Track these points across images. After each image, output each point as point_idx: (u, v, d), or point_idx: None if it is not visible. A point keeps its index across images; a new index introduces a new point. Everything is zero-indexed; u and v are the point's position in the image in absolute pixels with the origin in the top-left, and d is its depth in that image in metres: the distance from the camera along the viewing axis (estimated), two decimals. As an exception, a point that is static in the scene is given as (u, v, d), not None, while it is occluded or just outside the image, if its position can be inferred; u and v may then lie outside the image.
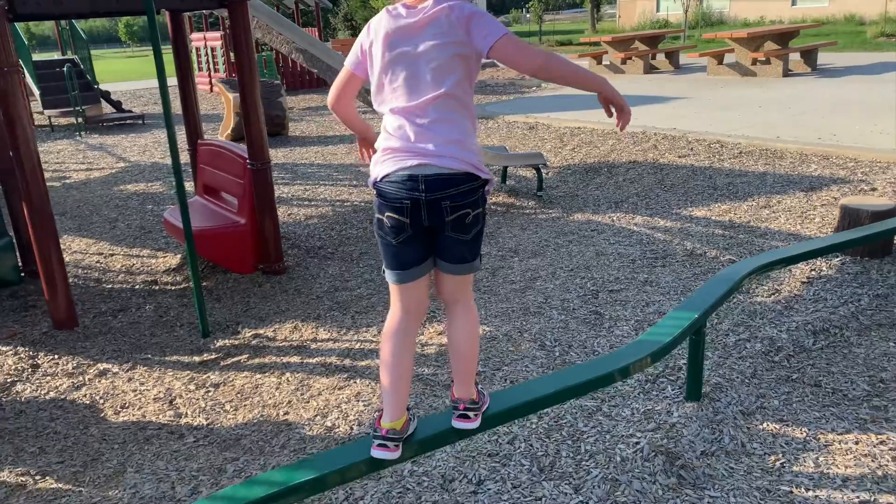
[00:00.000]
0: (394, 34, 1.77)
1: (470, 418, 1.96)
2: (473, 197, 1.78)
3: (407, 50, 1.76)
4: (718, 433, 2.56)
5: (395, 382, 1.88)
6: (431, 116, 1.76)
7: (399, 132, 1.78)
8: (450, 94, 1.76)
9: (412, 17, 1.76)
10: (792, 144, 7.10)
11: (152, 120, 12.55)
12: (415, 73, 1.76)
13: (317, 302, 4.11)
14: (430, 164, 1.74)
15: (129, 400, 3.12)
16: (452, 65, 1.76)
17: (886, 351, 3.11)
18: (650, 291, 3.94)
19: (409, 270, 1.84)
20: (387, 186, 1.78)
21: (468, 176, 1.77)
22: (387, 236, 1.82)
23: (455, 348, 1.94)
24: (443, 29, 1.73)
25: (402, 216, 1.77)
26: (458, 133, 1.78)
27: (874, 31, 20.17)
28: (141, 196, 6.97)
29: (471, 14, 1.73)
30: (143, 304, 4.21)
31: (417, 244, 1.82)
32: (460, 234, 1.81)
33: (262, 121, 4.34)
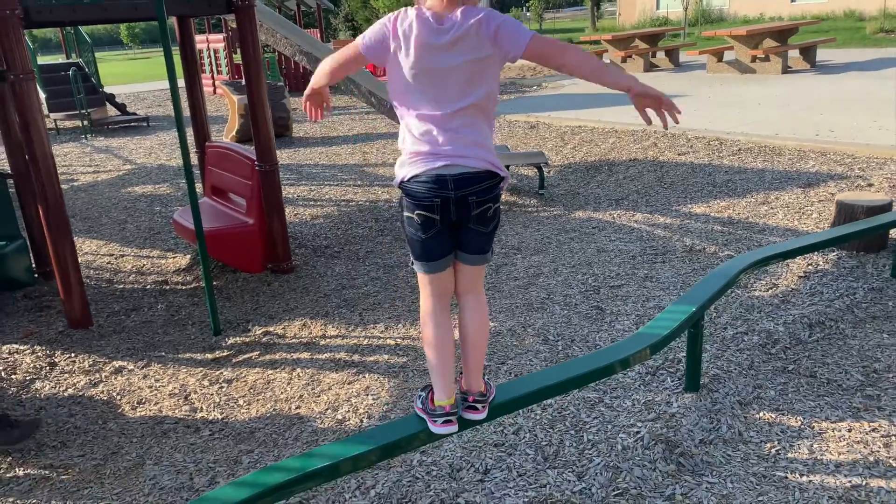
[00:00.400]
0: (426, 46, 1.86)
1: (478, 409, 2.08)
2: (494, 192, 1.95)
3: (438, 62, 1.87)
4: (716, 422, 2.66)
5: (445, 360, 2.04)
6: (457, 123, 1.90)
7: (426, 136, 1.91)
8: (477, 105, 1.91)
9: (444, 32, 1.86)
10: (790, 141, 7.19)
11: (157, 122, 12.65)
12: (444, 84, 1.88)
13: (325, 300, 4.20)
14: (457, 164, 1.89)
15: (145, 396, 3.22)
16: (480, 78, 1.90)
17: (880, 342, 3.20)
18: (650, 287, 4.03)
19: (437, 261, 2.00)
20: (416, 186, 1.91)
21: (489, 174, 1.92)
22: (417, 232, 1.96)
23: (468, 337, 2.07)
24: (473, 45, 1.86)
25: (432, 213, 1.92)
26: (479, 136, 1.93)
27: (873, 27, 20.21)
28: (149, 198, 7.08)
29: (497, 26, 1.85)
30: (155, 303, 4.31)
31: (444, 237, 1.98)
32: (482, 227, 1.97)
33: (270, 123, 4.44)
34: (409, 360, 3.36)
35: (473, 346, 2.06)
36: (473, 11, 1.87)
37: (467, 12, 1.86)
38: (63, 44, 15.31)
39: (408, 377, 3.20)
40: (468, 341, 2.07)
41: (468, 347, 2.07)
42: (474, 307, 2.07)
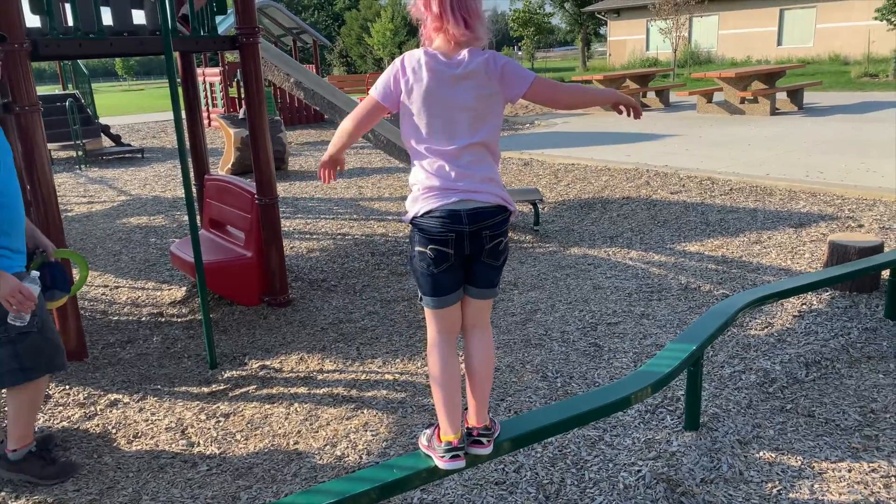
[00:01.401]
0: (437, 75, 1.95)
1: (484, 444, 2.08)
2: (505, 227, 2.02)
3: (447, 99, 1.95)
4: (717, 461, 2.66)
5: (453, 395, 2.06)
6: (467, 159, 1.96)
7: (439, 172, 1.97)
8: (484, 143, 1.98)
9: (452, 68, 1.95)
10: (781, 181, 7.31)
11: (151, 154, 12.70)
12: (453, 120, 1.96)
13: (322, 333, 4.20)
14: (470, 199, 1.95)
15: (141, 429, 3.18)
16: (488, 115, 1.98)
17: (876, 382, 3.22)
18: (647, 324, 4.05)
19: (446, 297, 2.03)
20: (430, 221, 1.96)
21: (500, 208, 1.99)
22: (429, 267, 1.99)
23: (474, 372, 2.09)
24: (481, 82, 1.95)
25: (446, 247, 1.96)
26: (490, 172, 2.00)
27: (858, 72, 20.70)
28: (144, 229, 7.07)
29: (503, 66, 1.97)
30: (151, 335, 4.28)
31: (455, 272, 2.02)
32: (493, 260, 2.02)
33: (271, 158, 4.48)
34: (407, 395, 3.35)
35: (480, 380, 2.09)
36: (479, 51, 1.98)
37: (474, 52, 1.97)
38: (60, 75, 15.40)
39: (406, 413, 3.19)
40: (475, 376, 2.09)
41: (475, 382, 2.09)
42: (481, 342, 2.10)
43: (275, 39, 18.16)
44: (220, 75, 16.08)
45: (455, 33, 1.94)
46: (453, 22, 1.93)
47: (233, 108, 15.66)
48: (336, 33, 51.31)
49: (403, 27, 41.25)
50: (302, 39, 18.59)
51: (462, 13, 1.93)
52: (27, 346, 2.62)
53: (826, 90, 17.45)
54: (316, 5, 57.12)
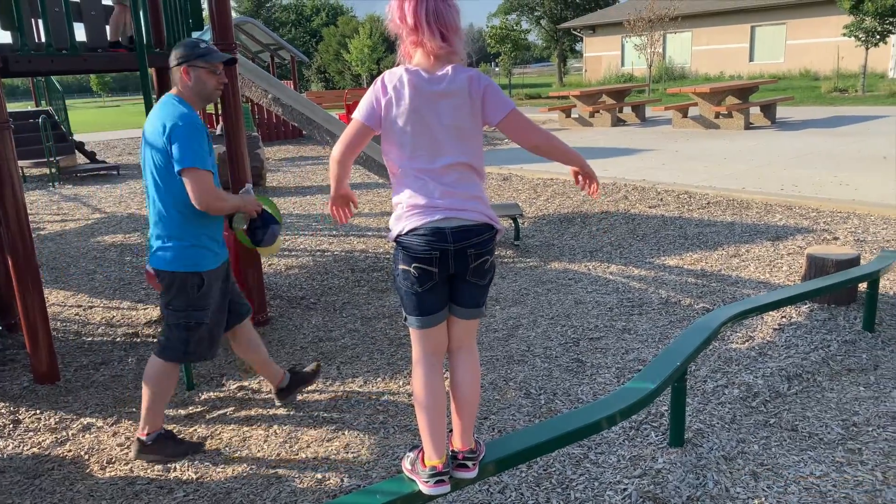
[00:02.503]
0: (418, 99, 1.91)
1: (469, 468, 2.04)
2: (491, 245, 1.98)
3: (430, 116, 1.92)
4: (702, 478, 2.64)
5: (437, 420, 2.01)
6: (452, 177, 1.93)
7: (423, 190, 1.93)
8: (468, 163, 1.95)
9: (435, 85, 1.91)
10: (757, 195, 7.39)
11: (127, 171, 12.55)
12: (436, 138, 1.93)
13: (301, 353, 4.13)
14: (455, 217, 1.91)
15: (115, 455, 3.09)
16: (470, 134, 1.95)
17: (857, 395, 3.24)
18: (629, 339, 4.05)
19: (431, 316, 1.99)
20: (414, 239, 1.92)
21: (486, 226, 1.96)
22: (413, 286, 1.95)
23: (460, 395, 2.05)
24: (464, 101, 1.92)
25: (430, 266, 1.93)
26: (475, 190, 1.97)
27: (828, 87, 21.13)
28: (119, 247, 6.95)
29: (486, 86, 1.93)
30: (126, 356, 4.18)
31: (440, 291, 1.98)
32: (479, 279, 1.99)
33: (249, 174, 4.42)
34: (389, 415, 3.30)
35: (465, 404, 2.04)
36: (463, 69, 1.95)
37: (457, 69, 1.93)
38: (33, 91, 15.20)
39: (389, 434, 3.13)
40: (460, 400, 2.04)
41: (460, 406, 2.04)
42: (467, 364, 2.05)
43: (252, 56, 18.11)
44: (197, 91, 15.96)
45: (432, 46, 1.91)
46: (429, 34, 1.89)
47: (210, 125, 15.57)
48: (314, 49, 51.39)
49: (381, 43, 41.40)
50: (279, 56, 18.57)
51: (439, 26, 1.90)
52: (199, 335, 2.96)
53: (798, 105, 17.76)
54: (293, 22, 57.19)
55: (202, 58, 2.83)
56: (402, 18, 1.93)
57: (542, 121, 17.97)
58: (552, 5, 44.74)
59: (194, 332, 2.94)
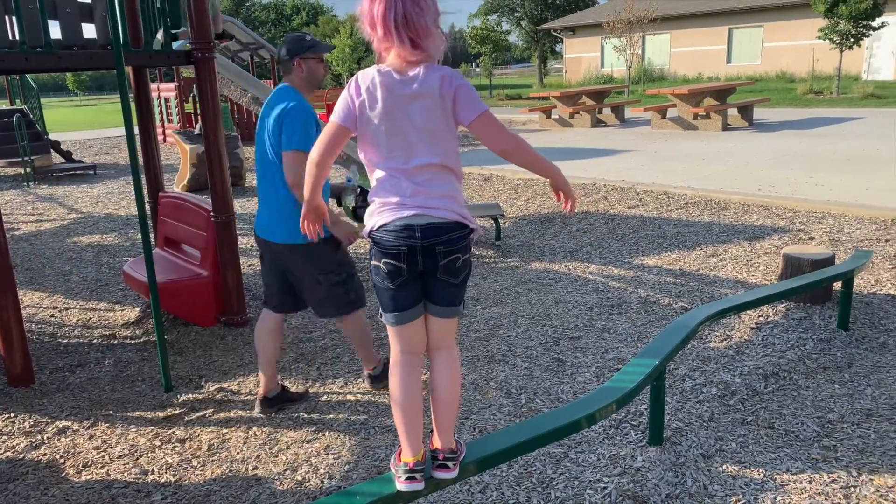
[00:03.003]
0: (391, 99, 1.90)
1: (449, 468, 2.04)
2: (462, 243, 1.96)
3: (402, 117, 1.90)
4: (681, 476, 2.66)
5: (411, 419, 2.01)
6: (425, 177, 1.93)
7: (395, 188, 1.93)
8: (442, 164, 1.94)
9: (407, 86, 1.89)
10: (735, 195, 7.47)
11: (104, 170, 12.39)
12: (409, 139, 1.92)
13: (280, 353, 4.10)
14: (425, 214, 1.91)
15: (91, 458, 3.05)
16: (444, 135, 1.93)
17: (832, 393, 3.28)
18: (608, 338, 4.07)
19: (405, 312, 1.99)
20: (383, 235, 1.93)
21: (458, 224, 1.95)
22: (384, 281, 1.96)
23: (439, 397, 2.04)
24: (435, 102, 1.89)
25: (398, 262, 1.93)
26: (448, 189, 1.96)
27: (803, 89, 21.42)
28: (95, 248, 6.86)
29: (458, 86, 1.91)
30: (102, 358, 4.13)
31: (412, 288, 1.98)
32: (451, 277, 1.98)
33: (227, 174, 4.39)
34: (370, 416, 3.29)
35: (444, 405, 2.04)
36: (436, 69, 1.93)
37: (430, 69, 1.91)
38: (7, 89, 14.96)
39: (369, 434, 3.12)
40: (439, 400, 2.04)
41: (438, 407, 2.04)
42: (446, 365, 2.05)
43: (232, 55, 17.96)
44: (176, 90, 15.82)
45: (403, 54, 1.89)
46: (399, 43, 1.87)
47: (189, 124, 15.42)
48: (294, 49, 51.07)
49: (362, 43, 41.26)
50: (259, 55, 18.43)
51: (409, 34, 1.86)
52: (354, 283, 3.31)
53: (774, 106, 17.99)
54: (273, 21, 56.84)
55: (311, 49, 3.18)
56: (371, 26, 1.89)
57: (523, 121, 18.03)
58: (532, 6, 44.91)
59: (349, 282, 3.30)
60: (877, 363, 3.58)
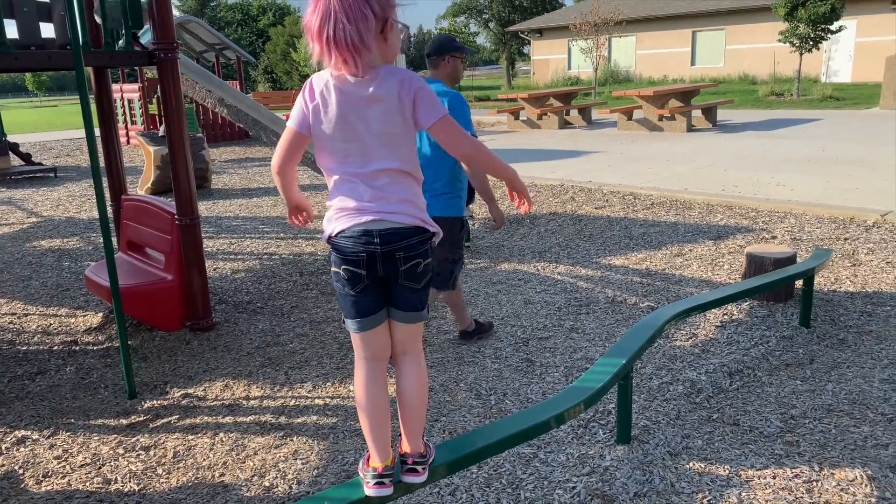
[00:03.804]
0: (346, 104, 1.84)
1: (419, 472, 2.03)
2: (423, 248, 1.93)
3: (359, 123, 1.85)
4: (649, 474, 2.69)
5: (378, 425, 2.00)
6: (384, 181, 1.89)
7: (353, 193, 1.89)
8: (401, 169, 1.90)
9: (363, 88, 1.83)
10: (699, 196, 7.58)
11: (65, 173, 12.12)
12: (366, 144, 1.87)
13: (248, 358, 4.05)
14: (383, 219, 1.87)
15: (52, 468, 2.98)
16: (401, 139, 1.89)
17: (794, 389, 3.35)
18: (577, 338, 4.10)
19: (367, 318, 1.96)
20: (342, 241, 1.89)
21: (418, 229, 1.91)
22: (344, 288, 1.93)
23: (405, 402, 2.03)
24: (394, 106, 1.84)
25: (358, 268, 1.90)
26: (408, 194, 1.91)
27: (765, 90, 21.86)
28: (56, 252, 6.71)
29: (417, 90, 1.85)
30: (63, 365, 4.04)
31: (374, 293, 1.95)
32: (412, 283, 1.94)
33: (192, 176, 4.32)
34: (339, 420, 3.26)
35: (410, 410, 2.03)
36: (395, 71, 1.86)
37: (388, 72, 1.85)
38: (-38, 90, 14.53)
39: (338, 439, 3.10)
40: (406, 405, 2.02)
41: (405, 412, 2.03)
42: (412, 369, 2.03)
43: (196, 55, 17.71)
44: (139, 91, 15.55)
45: (346, 71, 1.81)
46: (337, 60, 1.78)
47: (153, 126, 15.17)
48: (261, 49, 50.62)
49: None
50: (225, 55, 18.21)
51: (344, 53, 1.76)
52: (460, 266, 3.93)
53: (737, 108, 18.33)
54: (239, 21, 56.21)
55: (458, 50, 3.75)
56: (311, 39, 1.81)
57: (492, 123, 18.09)
58: (500, 9, 45.11)
59: (458, 263, 3.88)
60: (837, 359, 3.66)
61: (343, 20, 1.73)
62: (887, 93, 16.27)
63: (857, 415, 3.09)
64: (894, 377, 3.42)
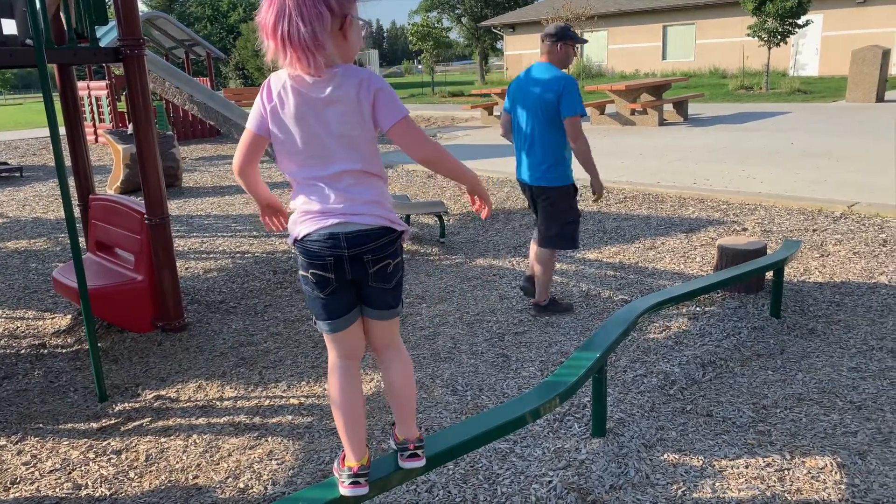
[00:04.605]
0: (303, 105, 1.80)
1: (419, 456, 2.08)
2: (392, 248, 1.90)
3: (317, 124, 1.81)
4: (624, 467, 2.71)
5: (352, 424, 1.99)
6: (347, 183, 1.85)
7: (316, 195, 1.86)
8: (363, 170, 1.86)
9: (321, 89, 1.78)
10: (671, 189, 7.65)
11: (31, 172, 11.88)
12: (325, 146, 1.82)
13: (221, 359, 4.00)
14: (349, 221, 1.84)
15: (20, 475, 2.91)
16: (361, 140, 1.84)
17: (766, 379, 3.40)
18: (552, 332, 4.11)
19: (339, 320, 1.94)
20: (309, 245, 1.86)
21: (385, 230, 1.88)
22: (314, 291, 1.90)
23: (394, 393, 2.06)
24: (352, 107, 1.80)
25: (326, 272, 1.87)
26: (373, 195, 1.88)
27: (734, 84, 22.13)
28: (23, 254, 6.57)
29: (377, 90, 1.80)
30: (31, 369, 3.95)
31: (344, 295, 1.92)
32: (383, 283, 1.92)
33: (161, 174, 4.25)
34: (314, 419, 3.24)
35: (402, 398, 2.06)
36: (354, 71, 1.81)
37: (347, 73, 1.80)
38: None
39: (313, 438, 3.08)
40: (396, 395, 2.06)
41: (397, 401, 2.07)
42: (396, 362, 2.05)
43: (165, 52, 17.44)
44: (107, 88, 15.28)
45: (301, 70, 1.76)
46: (291, 61, 1.74)
47: (122, 124, 14.92)
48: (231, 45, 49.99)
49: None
50: (195, 52, 17.95)
51: (298, 52, 1.71)
52: (578, 226, 4.37)
53: (708, 102, 18.53)
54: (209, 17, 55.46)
55: (572, 39, 4.12)
56: (266, 37, 1.76)
57: (466, 118, 18.08)
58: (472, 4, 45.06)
59: (577, 224, 4.32)
60: (807, 349, 3.72)
61: (297, 19, 1.68)
62: (853, 86, 16.57)
63: (826, 403, 3.14)
64: (862, 366, 3.49)
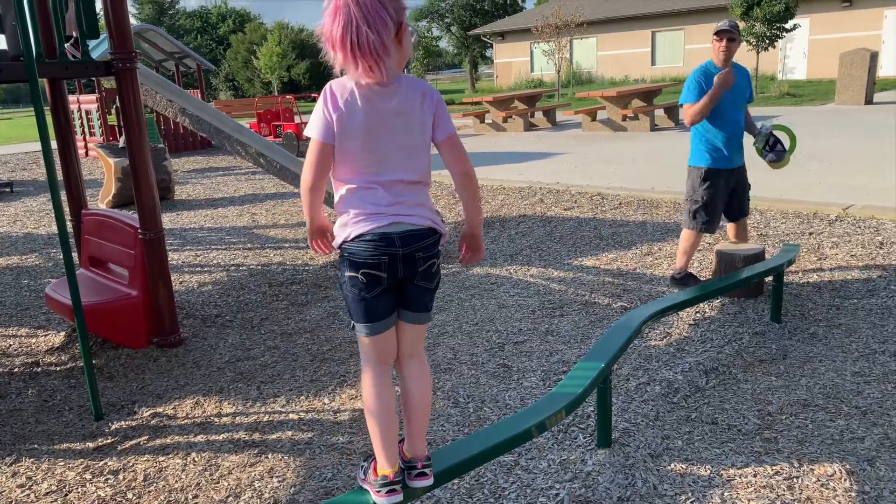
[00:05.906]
0: (373, 113, 1.88)
1: (428, 475, 2.06)
2: (436, 249, 2.00)
3: (384, 132, 1.90)
4: (631, 478, 2.67)
5: (388, 430, 2.00)
6: (400, 188, 1.94)
7: (370, 197, 1.92)
8: (417, 180, 1.96)
9: (390, 99, 1.88)
10: (666, 194, 7.65)
11: (22, 187, 11.78)
12: (388, 156, 1.92)
13: (218, 374, 3.95)
14: (402, 222, 1.92)
15: (15, 497, 2.85)
16: (420, 151, 1.96)
17: (769, 385, 3.37)
18: (552, 341, 4.08)
19: (380, 322, 1.98)
20: (361, 245, 1.91)
21: (431, 230, 1.97)
22: (361, 292, 1.93)
23: (412, 406, 2.05)
24: (417, 118, 1.91)
25: (379, 271, 1.91)
26: (421, 198, 1.98)
27: (725, 89, 22.16)
28: (15, 270, 6.49)
29: (438, 102, 1.94)
30: (25, 388, 3.89)
31: (387, 297, 1.97)
32: (427, 282, 2.00)
33: (154, 188, 4.21)
34: (315, 434, 3.19)
35: (420, 411, 2.05)
36: (416, 83, 1.94)
37: (410, 83, 1.92)
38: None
39: (315, 454, 3.03)
40: (414, 407, 2.05)
41: (413, 413, 2.05)
42: (419, 372, 2.06)
43: (156, 64, 17.41)
44: (97, 102, 15.21)
45: (372, 78, 1.84)
46: (363, 71, 1.81)
47: (112, 137, 14.85)
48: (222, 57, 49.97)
49: (291, 50, 40.69)
50: (185, 64, 17.92)
51: (369, 60, 1.79)
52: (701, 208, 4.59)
53: (698, 107, 18.57)
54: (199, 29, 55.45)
55: (715, 34, 4.53)
56: (333, 49, 1.83)
57: (458, 126, 18.02)
58: (461, 13, 45.23)
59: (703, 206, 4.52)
60: (809, 353, 3.70)
61: (365, 27, 1.77)
62: (842, 89, 16.67)
63: (832, 409, 3.12)
64: (865, 370, 3.47)
